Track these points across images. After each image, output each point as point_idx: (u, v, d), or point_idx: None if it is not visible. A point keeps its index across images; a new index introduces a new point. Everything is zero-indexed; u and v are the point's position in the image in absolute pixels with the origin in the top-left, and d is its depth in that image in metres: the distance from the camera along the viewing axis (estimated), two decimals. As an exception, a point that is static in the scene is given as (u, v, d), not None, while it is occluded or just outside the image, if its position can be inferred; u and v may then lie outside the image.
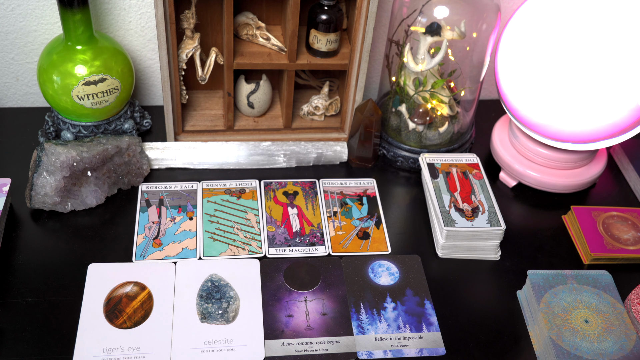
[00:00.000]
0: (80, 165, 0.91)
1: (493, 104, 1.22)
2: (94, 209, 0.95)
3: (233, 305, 0.84)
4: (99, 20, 1.04)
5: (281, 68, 1.01)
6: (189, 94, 1.10)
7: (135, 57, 1.11)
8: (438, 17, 0.97)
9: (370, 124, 1.02)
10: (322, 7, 0.97)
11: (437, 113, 1.05)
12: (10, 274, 0.85)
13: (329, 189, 1.02)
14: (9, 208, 0.93)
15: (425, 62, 0.99)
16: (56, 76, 0.95)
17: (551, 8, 0.91)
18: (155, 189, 0.98)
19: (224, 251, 0.91)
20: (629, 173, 1.10)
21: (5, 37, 1.05)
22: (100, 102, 0.98)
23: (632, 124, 0.92)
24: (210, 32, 1.03)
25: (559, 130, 0.94)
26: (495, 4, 0.98)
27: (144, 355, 0.78)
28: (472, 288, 0.90)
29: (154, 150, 1.01)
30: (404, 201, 1.03)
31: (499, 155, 1.07)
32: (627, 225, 0.97)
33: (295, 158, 1.05)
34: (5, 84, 1.11)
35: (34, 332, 0.79)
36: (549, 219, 1.02)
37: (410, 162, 1.06)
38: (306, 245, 0.93)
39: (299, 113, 1.10)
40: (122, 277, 0.85)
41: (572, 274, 0.86)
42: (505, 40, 0.97)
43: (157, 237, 0.92)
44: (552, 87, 0.91)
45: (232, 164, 1.03)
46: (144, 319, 0.81)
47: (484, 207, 0.94)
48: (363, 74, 1.01)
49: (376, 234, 0.96)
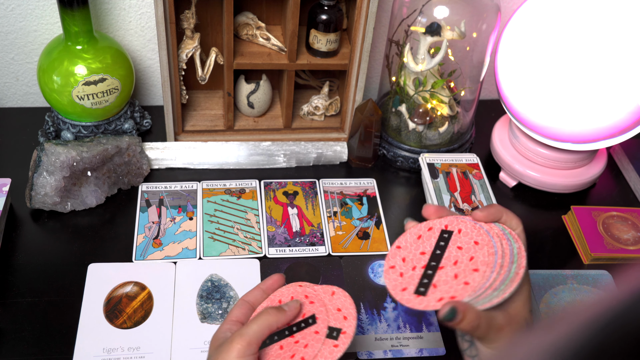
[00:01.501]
0: (80, 165, 0.91)
1: (493, 104, 1.22)
2: (94, 209, 0.95)
3: (233, 305, 0.84)
4: (99, 20, 1.04)
5: (281, 68, 1.01)
6: (189, 94, 1.10)
7: (135, 57, 1.11)
8: (438, 17, 0.97)
9: (370, 124, 1.02)
10: (322, 7, 0.97)
11: (437, 113, 1.05)
12: (10, 274, 0.85)
13: (329, 189, 1.02)
14: (9, 208, 0.93)
15: (425, 62, 0.99)
16: (56, 76, 0.95)
17: (551, 8, 0.91)
18: (155, 189, 0.98)
19: (224, 251, 0.91)
20: (629, 173, 1.10)
21: (5, 37, 1.05)
22: (100, 102, 0.98)
23: (632, 124, 0.92)
24: (210, 32, 1.03)
25: (559, 130, 0.94)
26: (495, 4, 0.98)
27: (144, 355, 0.78)
28: (472, 288, 0.90)
29: (154, 150, 1.01)
30: (404, 201, 1.03)
31: (499, 155, 1.07)
32: (627, 225, 0.97)
33: (295, 158, 1.05)
34: (5, 84, 1.11)
35: (34, 332, 0.79)
36: (549, 219, 1.02)
37: (410, 162, 1.06)
38: (306, 245, 0.93)
39: (299, 113, 1.10)
40: (122, 277, 0.85)
41: (572, 274, 0.86)
42: (505, 40, 0.97)
43: (157, 237, 0.92)
44: (552, 87, 0.91)
45: (232, 164, 1.03)
46: (144, 319, 0.81)
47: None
48: (363, 74, 1.01)
49: (376, 234, 0.96)
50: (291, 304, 0.66)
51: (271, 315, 0.63)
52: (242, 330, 0.62)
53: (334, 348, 0.63)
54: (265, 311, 0.64)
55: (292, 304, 0.66)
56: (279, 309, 0.65)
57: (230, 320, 0.66)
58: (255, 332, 0.61)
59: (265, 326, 0.62)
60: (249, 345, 0.60)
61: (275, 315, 0.64)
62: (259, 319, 0.63)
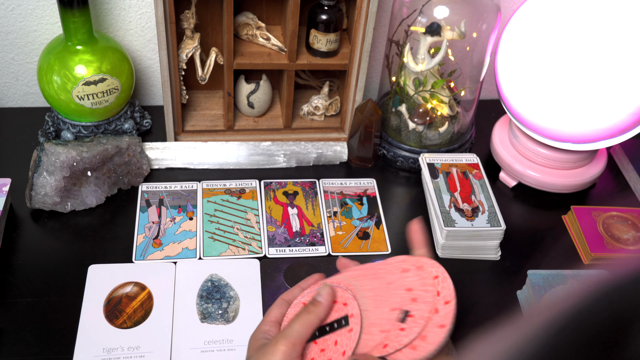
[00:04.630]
0: (80, 165, 0.91)
1: (493, 104, 1.22)
2: (94, 209, 0.95)
3: (233, 305, 0.84)
4: (99, 20, 1.04)
5: (281, 68, 1.01)
6: (189, 94, 1.10)
7: (135, 57, 1.11)
8: (438, 17, 0.97)
9: (370, 124, 1.02)
10: (322, 7, 0.97)
11: (437, 113, 1.05)
12: (10, 274, 0.85)
13: (329, 189, 1.01)
14: (9, 208, 0.93)
15: (425, 62, 0.99)
16: (56, 76, 0.95)
17: (551, 8, 0.91)
18: (155, 189, 0.98)
19: (224, 251, 0.91)
20: (629, 173, 1.10)
21: (5, 37, 1.05)
22: (100, 102, 0.98)
23: (632, 124, 0.92)
24: (210, 32, 1.03)
25: (559, 130, 0.94)
26: (495, 4, 0.98)
27: (144, 355, 0.78)
28: (472, 288, 0.90)
29: (154, 150, 1.01)
30: (404, 201, 1.03)
31: (499, 155, 1.07)
32: (627, 225, 0.97)
33: (295, 158, 1.05)
34: (5, 84, 1.11)
35: (34, 332, 0.79)
36: (549, 219, 1.02)
37: (410, 162, 1.06)
38: (306, 245, 0.93)
39: (299, 113, 1.10)
40: (122, 278, 0.85)
41: (572, 274, 0.86)
42: (505, 40, 0.97)
43: (157, 237, 0.92)
44: (552, 87, 0.91)
45: (232, 164, 1.03)
46: (144, 319, 0.81)
47: (484, 207, 0.94)
48: (363, 74, 1.01)
49: (376, 234, 0.96)
50: (322, 291, 0.64)
51: (311, 313, 0.62)
52: (286, 332, 0.60)
53: (349, 333, 0.62)
54: (304, 309, 0.63)
55: (323, 291, 0.64)
56: (315, 303, 0.63)
57: (270, 320, 0.65)
58: (298, 332, 0.60)
59: (307, 325, 0.61)
60: (294, 347, 0.60)
61: (314, 311, 0.62)
62: (300, 318, 0.62)
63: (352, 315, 0.63)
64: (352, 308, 0.63)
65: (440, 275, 0.63)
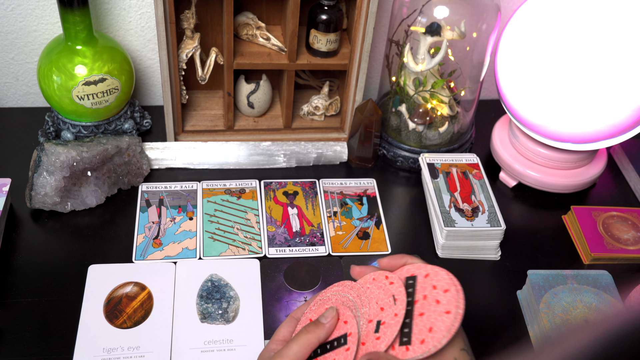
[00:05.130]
0: (80, 165, 0.91)
1: (493, 104, 1.22)
2: (94, 209, 0.95)
3: (233, 305, 0.84)
4: (99, 20, 1.04)
5: (281, 68, 1.01)
6: (189, 94, 1.10)
7: (135, 57, 1.11)
8: (438, 17, 0.97)
9: (370, 124, 1.02)
10: (322, 7, 0.97)
11: (437, 113, 1.05)
12: (10, 274, 0.85)
13: (329, 189, 1.01)
14: (9, 208, 0.93)
15: (425, 62, 0.99)
16: (56, 76, 0.95)
17: (551, 8, 0.91)
18: (155, 189, 0.98)
19: (224, 251, 0.91)
20: (629, 173, 1.10)
21: (5, 37, 1.05)
22: (100, 102, 0.98)
23: (632, 124, 0.92)
24: (210, 32, 1.03)
25: (559, 130, 0.94)
26: (495, 4, 0.98)
27: (144, 355, 0.78)
28: (472, 288, 0.90)
29: (154, 150, 1.01)
30: (404, 201, 1.03)
31: (499, 155, 1.07)
32: (627, 225, 0.97)
33: (295, 158, 1.05)
34: (5, 84, 1.11)
35: (34, 332, 0.79)
36: (549, 219, 1.02)
37: (410, 162, 1.06)
38: (306, 245, 0.93)
39: (299, 113, 1.10)
40: (122, 278, 0.85)
41: (572, 274, 0.86)
42: (505, 40, 0.97)
43: (157, 237, 0.92)
44: (552, 87, 0.91)
45: (232, 164, 1.03)
46: (144, 319, 0.81)
47: (484, 207, 0.94)
48: (363, 74, 1.01)
49: (376, 234, 0.96)
50: (327, 313, 0.63)
51: (310, 333, 0.61)
52: (283, 351, 0.60)
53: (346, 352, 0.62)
54: (304, 329, 0.62)
55: (328, 313, 0.63)
56: (317, 324, 0.62)
57: (277, 339, 0.64)
58: (295, 352, 0.60)
59: (306, 345, 0.60)
60: None
61: (314, 331, 0.61)
62: (298, 338, 0.61)
63: (350, 334, 0.62)
64: (351, 327, 0.63)
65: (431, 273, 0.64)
